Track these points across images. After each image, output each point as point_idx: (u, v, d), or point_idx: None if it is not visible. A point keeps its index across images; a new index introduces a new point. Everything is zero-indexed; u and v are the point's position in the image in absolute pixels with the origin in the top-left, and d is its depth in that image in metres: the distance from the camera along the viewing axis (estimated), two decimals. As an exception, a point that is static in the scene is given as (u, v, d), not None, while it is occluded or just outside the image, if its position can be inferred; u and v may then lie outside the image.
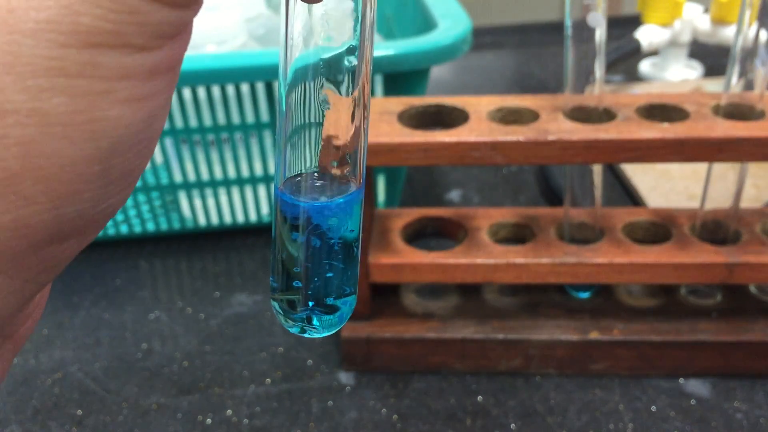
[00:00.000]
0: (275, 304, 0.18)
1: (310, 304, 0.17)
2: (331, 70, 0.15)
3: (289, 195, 0.16)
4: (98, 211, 0.13)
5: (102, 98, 0.12)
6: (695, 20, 0.63)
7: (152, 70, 0.12)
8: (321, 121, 0.16)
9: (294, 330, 0.18)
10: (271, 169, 0.46)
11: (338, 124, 0.16)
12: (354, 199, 0.17)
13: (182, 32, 0.13)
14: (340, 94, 0.15)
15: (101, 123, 0.12)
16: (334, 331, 0.18)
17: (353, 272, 0.18)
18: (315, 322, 0.17)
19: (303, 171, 0.16)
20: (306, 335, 0.18)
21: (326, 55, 0.15)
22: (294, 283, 0.17)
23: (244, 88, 0.43)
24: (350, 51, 0.15)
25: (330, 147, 0.16)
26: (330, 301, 0.17)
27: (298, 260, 0.17)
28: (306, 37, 0.15)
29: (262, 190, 0.48)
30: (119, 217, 0.49)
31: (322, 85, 0.15)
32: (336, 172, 0.16)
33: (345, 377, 0.38)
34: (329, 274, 0.17)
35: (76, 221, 0.13)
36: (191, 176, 0.47)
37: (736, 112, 0.33)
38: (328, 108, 0.15)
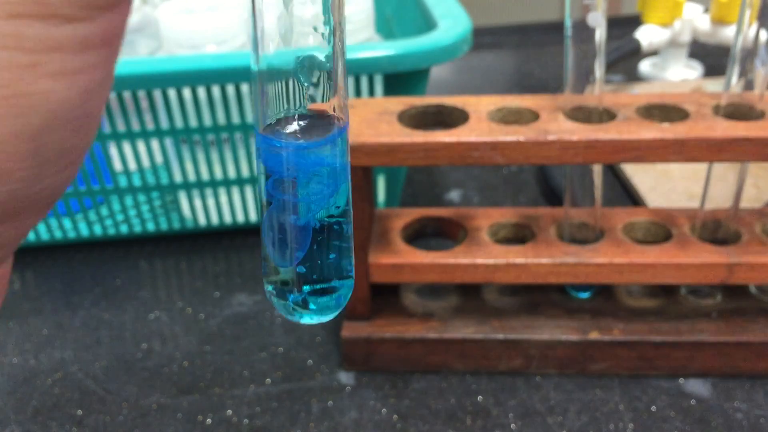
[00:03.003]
0: (268, 287, 0.17)
1: (305, 287, 0.16)
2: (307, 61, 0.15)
3: (273, 138, 0.16)
4: (34, 192, 0.12)
5: (28, 72, 0.11)
6: (695, 20, 0.63)
7: (84, 42, 0.12)
8: (304, 105, 0.15)
9: (291, 316, 0.17)
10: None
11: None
12: (340, 164, 0.16)
13: (119, 4, 0.12)
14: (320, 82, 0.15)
15: (29, 98, 0.11)
16: (332, 316, 0.17)
17: (347, 246, 0.17)
18: (311, 305, 0.17)
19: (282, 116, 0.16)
20: (303, 320, 0.17)
21: (302, 48, 0.15)
22: (285, 262, 0.16)
23: (244, 88, 0.43)
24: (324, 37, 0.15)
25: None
26: (326, 281, 0.17)
27: (286, 234, 0.16)
28: (282, 31, 0.15)
29: (262, 190, 0.48)
30: (119, 216, 0.49)
31: (302, 77, 0.15)
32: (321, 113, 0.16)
33: (345, 377, 0.38)
34: (325, 250, 0.16)
35: (10, 202, 0.12)
36: (191, 176, 0.47)
37: (736, 112, 0.33)
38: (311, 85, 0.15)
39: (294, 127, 0.15)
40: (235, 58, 0.41)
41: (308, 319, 0.17)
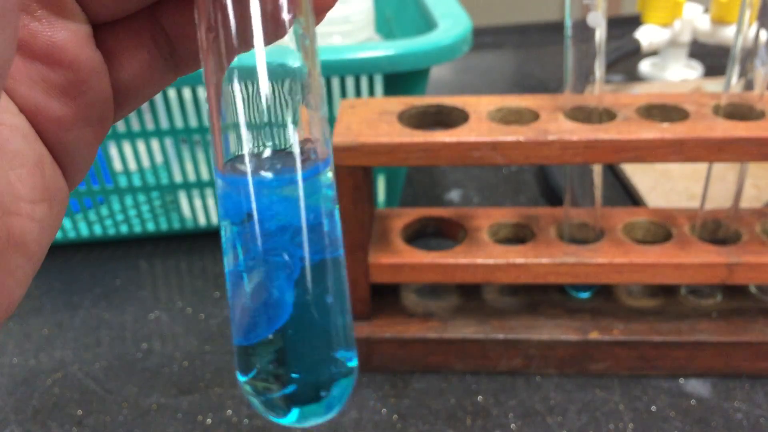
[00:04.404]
0: (241, 378, 0.13)
1: (285, 388, 0.13)
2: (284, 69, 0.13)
3: (233, 175, 0.12)
4: None
5: None
6: (695, 20, 0.63)
7: None
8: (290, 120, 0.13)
9: (272, 418, 0.13)
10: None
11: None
12: (323, 185, 0.13)
13: None
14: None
15: None
16: (326, 419, 0.13)
17: (341, 325, 0.13)
18: (292, 412, 0.13)
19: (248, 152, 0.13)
20: (287, 424, 0.13)
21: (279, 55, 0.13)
22: (252, 349, 0.13)
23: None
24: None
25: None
26: (312, 380, 0.13)
27: (254, 308, 0.12)
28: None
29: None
30: (119, 217, 0.49)
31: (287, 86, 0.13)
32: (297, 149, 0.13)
33: (345, 377, 0.38)
34: (308, 331, 0.12)
35: None
36: (191, 176, 0.47)
37: (736, 112, 0.33)
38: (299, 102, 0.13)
39: (262, 162, 0.12)
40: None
41: (293, 424, 0.13)
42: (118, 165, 0.48)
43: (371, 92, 0.43)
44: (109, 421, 0.36)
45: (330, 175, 0.13)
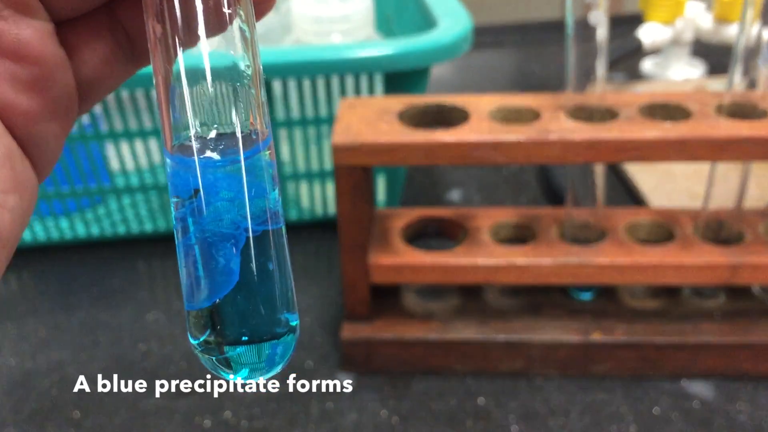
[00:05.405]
0: (192, 341, 0.14)
1: (226, 347, 0.14)
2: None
3: (180, 156, 0.14)
4: None
5: None
6: (697, 19, 0.62)
7: None
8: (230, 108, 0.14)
9: (218, 374, 0.14)
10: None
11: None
12: (261, 164, 0.14)
13: None
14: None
15: None
16: (269, 375, 0.14)
17: (282, 290, 0.14)
18: (235, 367, 0.14)
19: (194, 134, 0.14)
20: (234, 380, 0.14)
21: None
22: (203, 313, 0.14)
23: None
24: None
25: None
26: (254, 339, 0.14)
27: (199, 274, 0.14)
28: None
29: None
30: (117, 217, 0.49)
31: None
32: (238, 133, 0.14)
33: (345, 379, 0.38)
34: (250, 295, 0.14)
35: None
36: (190, 176, 0.46)
37: (739, 111, 0.33)
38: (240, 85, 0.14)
39: (207, 143, 0.14)
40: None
41: (240, 379, 0.14)
42: (115, 165, 0.48)
43: (371, 91, 0.43)
44: (107, 422, 0.36)
45: (269, 154, 0.14)
